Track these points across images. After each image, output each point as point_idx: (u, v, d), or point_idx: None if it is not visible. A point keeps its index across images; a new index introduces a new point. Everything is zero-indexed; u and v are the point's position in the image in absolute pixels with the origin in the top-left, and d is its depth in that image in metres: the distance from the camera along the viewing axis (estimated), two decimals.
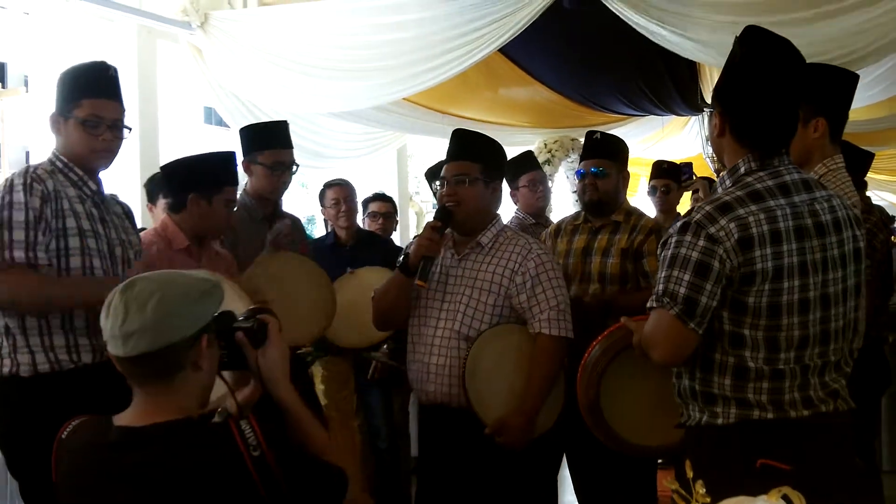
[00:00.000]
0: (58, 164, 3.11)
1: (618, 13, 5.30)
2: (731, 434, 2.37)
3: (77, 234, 3.03)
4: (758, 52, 2.42)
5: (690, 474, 1.13)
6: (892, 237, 7.08)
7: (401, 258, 3.43)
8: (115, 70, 3.24)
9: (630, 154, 4.56)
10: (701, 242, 2.31)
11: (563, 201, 9.44)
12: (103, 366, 2.99)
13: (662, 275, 2.38)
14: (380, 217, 5.88)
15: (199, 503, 1.94)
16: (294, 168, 4.18)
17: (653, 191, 6.03)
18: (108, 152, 3.18)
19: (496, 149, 3.63)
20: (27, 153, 17.53)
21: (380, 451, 5.36)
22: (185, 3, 6.24)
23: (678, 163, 6.58)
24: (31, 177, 2.97)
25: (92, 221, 3.10)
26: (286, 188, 4.21)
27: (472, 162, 3.49)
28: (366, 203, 5.93)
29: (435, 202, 5.16)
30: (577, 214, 4.40)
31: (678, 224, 2.40)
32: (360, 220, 5.79)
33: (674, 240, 2.37)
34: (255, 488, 1.94)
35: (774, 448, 2.31)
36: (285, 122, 4.33)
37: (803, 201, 2.39)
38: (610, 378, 2.97)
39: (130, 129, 3.23)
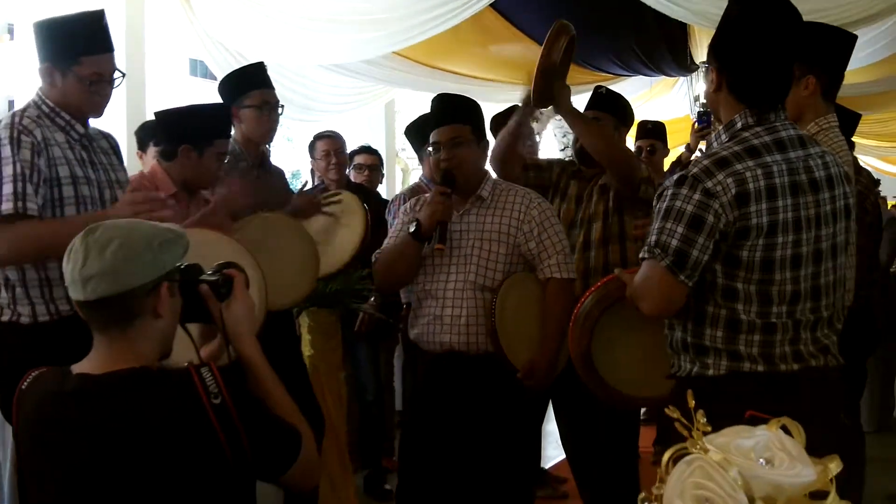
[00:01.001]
0: (44, 108, 3.10)
1: None
2: (720, 385, 2.39)
3: (70, 182, 3.03)
4: (755, 7, 2.43)
5: (692, 403, 1.16)
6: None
7: (412, 226, 3.47)
8: (105, 16, 3.23)
9: None
10: (696, 196, 2.32)
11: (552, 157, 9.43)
12: None
13: (656, 226, 2.39)
14: (365, 169, 5.90)
15: (158, 449, 1.93)
16: (280, 109, 4.16)
17: (638, 151, 5.96)
18: (104, 103, 3.22)
19: (479, 109, 3.72)
20: (10, 102, 17.35)
21: (366, 403, 5.41)
22: None
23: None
24: (17, 129, 2.95)
25: (83, 167, 3.10)
26: (275, 131, 4.20)
27: (463, 124, 3.59)
28: (351, 155, 5.93)
29: (418, 158, 5.15)
30: (570, 162, 4.40)
31: (675, 177, 2.41)
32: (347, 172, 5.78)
33: (669, 192, 2.38)
34: (216, 435, 1.93)
35: (764, 400, 2.33)
36: (262, 62, 4.32)
37: (798, 157, 2.40)
38: (602, 329, 2.99)
39: (124, 74, 3.23)
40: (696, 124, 6.52)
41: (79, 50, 3.11)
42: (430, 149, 3.65)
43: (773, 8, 2.43)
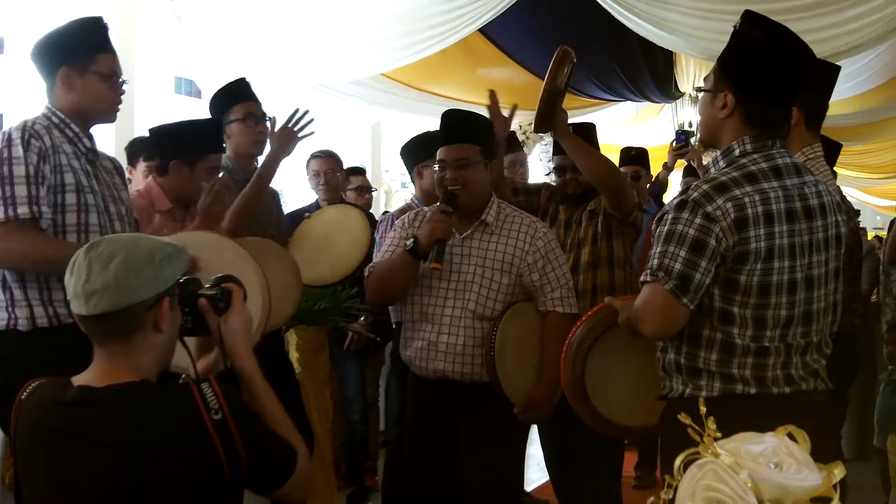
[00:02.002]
0: (53, 119, 3.10)
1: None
2: (713, 406, 2.41)
3: (75, 189, 3.03)
4: (777, 35, 2.46)
5: (703, 410, 1.20)
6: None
7: (410, 242, 3.36)
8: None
9: (603, 139, 4.61)
10: (698, 220, 2.35)
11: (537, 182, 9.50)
12: None
13: (658, 250, 2.41)
14: (365, 191, 6.02)
15: (156, 463, 1.95)
16: (269, 121, 4.17)
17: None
18: (119, 104, 3.25)
19: (490, 128, 3.64)
20: None
21: (351, 422, 5.42)
22: None
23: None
24: (28, 132, 2.96)
25: (88, 178, 3.11)
26: (265, 142, 4.20)
27: (472, 144, 3.47)
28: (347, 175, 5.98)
29: (405, 180, 5.17)
30: (557, 188, 4.44)
31: (675, 201, 2.44)
32: None
33: (670, 216, 2.41)
34: (215, 450, 1.95)
35: (755, 421, 2.36)
36: (244, 78, 4.34)
37: (794, 185, 2.45)
38: (594, 357, 2.99)
39: (125, 81, 3.26)
40: (675, 142, 6.61)
41: (95, 47, 3.14)
42: (436, 166, 3.51)
43: (791, 38, 2.47)
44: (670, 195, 6.81)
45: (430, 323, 3.45)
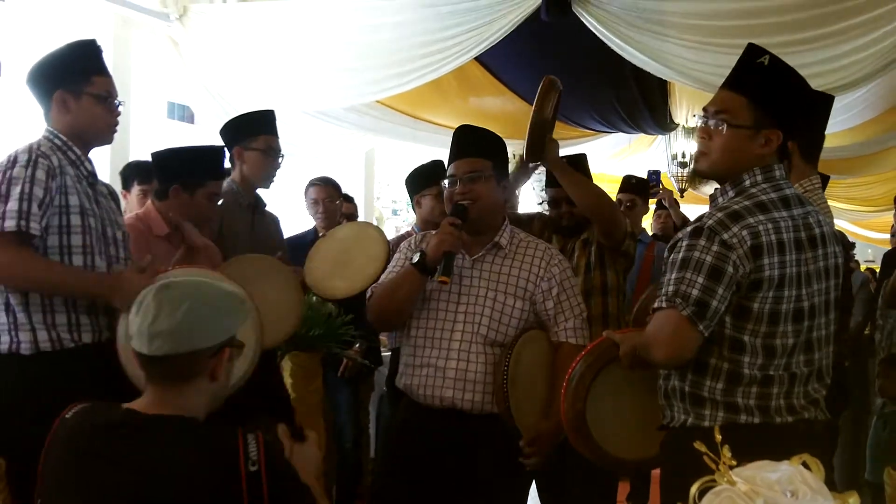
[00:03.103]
0: (56, 141, 3.11)
1: (591, 28, 5.39)
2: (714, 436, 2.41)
3: (79, 211, 3.03)
4: (796, 73, 2.50)
5: (719, 438, 1.19)
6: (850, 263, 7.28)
7: (416, 255, 3.22)
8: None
9: (596, 169, 4.64)
10: (715, 247, 2.36)
11: (530, 210, 9.49)
12: (102, 346, 3.01)
13: (673, 276, 2.41)
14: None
15: (179, 497, 1.96)
16: (281, 157, 4.21)
17: (618, 204, 6.07)
18: (115, 125, 3.26)
19: (504, 146, 3.48)
20: None
21: (343, 448, 5.39)
22: None
23: (647, 172, 6.71)
24: (36, 153, 2.97)
25: (89, 200, 3.11)
26: (274, 177, 4.23)
27: (485, 159, 3.33)
28: None
29: (397, 207, 5.16)
30: (541, 224, 4.44)
31: (689, 229, 2.45)
32: None
33: (685, 243, 2.42)
34: (241, 500, 1.97)
35: (758, 451, 2.36)
36: (272, 110, 4.36)
37: (799, 214, 2.48)
38: (595, 392, 2.96)
39: (121, 103, 3.26)
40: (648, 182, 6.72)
41: (89, 70, 3.16)
42: (446, 182, 3.36)
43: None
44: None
45: (436, 348, 3.26)
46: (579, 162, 4.37)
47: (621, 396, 2.95)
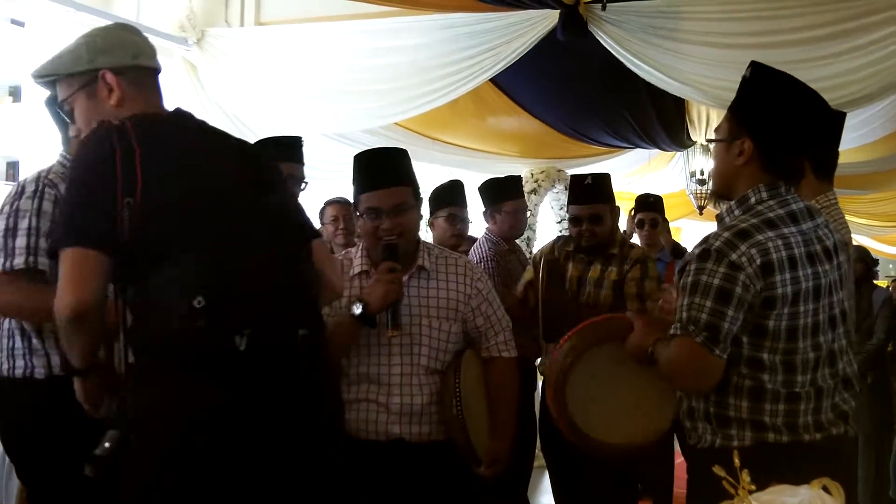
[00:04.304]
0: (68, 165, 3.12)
1: (607, 46, 5.41)
2: (746, 458, 2.39)
3: None
4: (785, 83, 2.50)
5: (737, 463, 1.18)
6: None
7: (358, 308, 2.98)
8: None
9: (615, 188, 4.62)
10: (722, 269, 2.35)
11: (548, 230, 9.51)
12: None
13: (684, 302, 2.40)
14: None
15: None
16: (304, 185, 4.18)
17: (640, 224, 6.06)
18: None
19: (410, 161, 3.28)
20: (11, 163, 17.34)
21: None
22: (182, 19, 6.29)
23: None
24: (42, 182, 2.95)
25: None
26: None
27: (406, 186, 3.16)
28: None
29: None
30: (566, 240, 4.43)
31: (696, 251, 2.44)
32: None
33: (693, 267, 2.41)
34: None
35: (788, 472, 2.35)
36: (301, 137, 4.33)
37: (809, 228, 2.48)
38: (577, 374, 3.04)
39: None
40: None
41: None
42: (364, 214, 3.14)
43: (800, 85, 2.50)
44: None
45: (374, 384, 3.08)
46: (603, 183, 4.34)
47: (602, 382, 3.00)
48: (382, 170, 3.18)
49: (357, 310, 2.98)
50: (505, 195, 5.06)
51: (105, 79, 2.47)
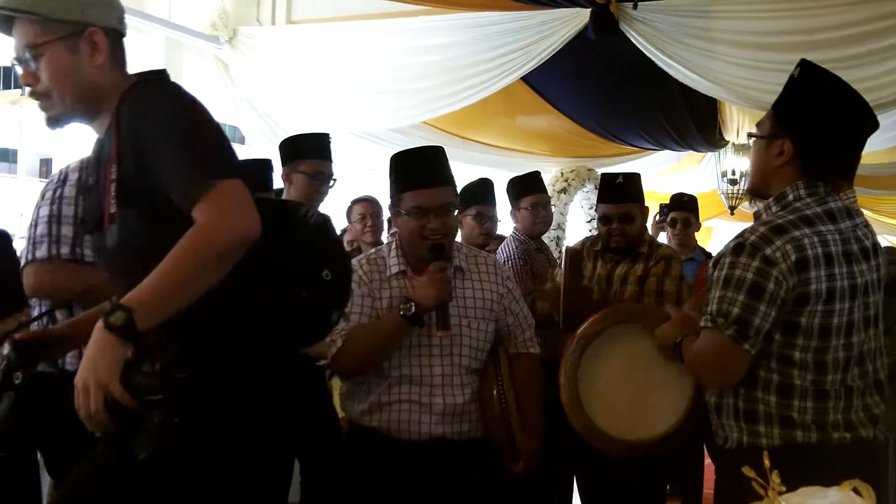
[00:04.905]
0: None
1: (639, 45, 5.39)
2: (775, 458, 2.38)
3: None
4: (834, 86, 2.48)
5: (767, 464, 1.18)
6: None
7: (408, 308, 2.95)
8: None
9: (645, 187, 4.58)
10: (755, 263, 2.34)
11: (578, 229, 9.49)
12: None
13: (716, 295, 2.39)
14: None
15: None
16: (332, 182, 4.19)
17: (672, 223, 6.01)
18: None
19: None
20: (42, 160, 17.49)
21: None
22: (213, 18, 6.34)
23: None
24: (86, 171, 3.00)
25: None
26: (322, 200, 4.23)
27: (451, 186, 3.14)
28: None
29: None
30: (594, 240, 4.42)
31: (731, 245, 2.43)
32: None
33: (727, 260, 2.40)
34: None
35: (817, 475, 2.33)
36: (328, 134, 4.33)
37: (847, 227, 2.46)
38: (591, 352, 3.08)
39: None
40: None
41: None
42: (408, 213, 3.08)
43: (848, 89, 2.48)
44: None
45: (415, 385, 3.05)
46: (633, 182, 4.32)
47: (619, 365, 3.02)
48: (429, 169, 3.14)
49: (409, 310, 2.95)
50: (524, 190, 5.04)
51: (93, 38, 2.18)
